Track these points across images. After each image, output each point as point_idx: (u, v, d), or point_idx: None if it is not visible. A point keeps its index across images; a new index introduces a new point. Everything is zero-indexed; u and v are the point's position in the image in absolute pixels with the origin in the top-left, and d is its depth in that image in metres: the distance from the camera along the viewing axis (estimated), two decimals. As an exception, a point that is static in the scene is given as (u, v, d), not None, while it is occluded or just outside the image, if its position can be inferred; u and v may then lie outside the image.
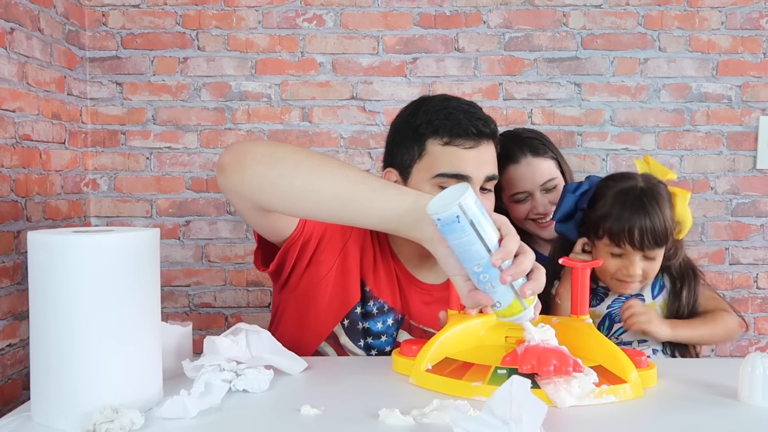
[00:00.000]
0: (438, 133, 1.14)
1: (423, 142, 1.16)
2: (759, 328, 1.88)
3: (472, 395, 0.89)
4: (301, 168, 0.91)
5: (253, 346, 1.01)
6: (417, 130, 1.16)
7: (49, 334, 0.80)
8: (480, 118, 1.15)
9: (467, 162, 1.13)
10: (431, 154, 1.15)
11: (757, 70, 1.84)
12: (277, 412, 0.86)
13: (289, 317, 1.25)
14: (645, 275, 1.24)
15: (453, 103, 1.19)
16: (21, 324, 1.47)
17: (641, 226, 1.19)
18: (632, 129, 1.85)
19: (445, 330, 1.03)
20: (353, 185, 0.89)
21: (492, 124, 1.17)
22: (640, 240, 1.20)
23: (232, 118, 1.84)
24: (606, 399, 0.89)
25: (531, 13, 1.83)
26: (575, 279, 1.02)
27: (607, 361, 0.96)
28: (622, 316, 1.24)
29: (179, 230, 1.85)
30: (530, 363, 0.88)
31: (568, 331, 0.98)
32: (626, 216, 1.21)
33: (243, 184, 0.95)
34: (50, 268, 0.79)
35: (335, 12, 1.82)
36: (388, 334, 1.23)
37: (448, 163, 1.14)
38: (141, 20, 1.82)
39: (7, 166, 1.43)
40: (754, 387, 0.89)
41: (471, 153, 1.14)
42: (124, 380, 0.82)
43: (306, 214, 0.99)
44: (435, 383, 0.93)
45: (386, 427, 0.81)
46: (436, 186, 1.15)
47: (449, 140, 1.13)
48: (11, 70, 1.44)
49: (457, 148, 1.13)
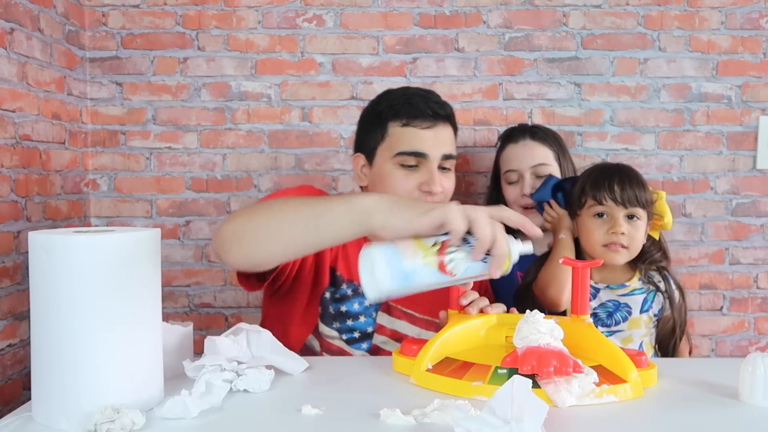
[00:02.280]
0: (398, 116, 1.26)
1: (385, 125, 1.27)
2: (759, 328, 1.88)
3: (472, 395, 0.89)
4: (264, 231, 0.97)
5: (254, 346, 1.01)
6: (380, 115, 1.29)
7: (49, 334, 0.80)
8: (436, 102, 1.27)
9: (424, 140, 1.25)
10: (392, 135, 1.27)
11: (757, 70, 1.84)
12: (278, 412, 0.86)
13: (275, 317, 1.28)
14: (630, 242, 1.27)
15: (412, 91, 1.32)
16: (21, 324, 1.47)
17: (621, 180, 1.29)
18: (632, 129, 1.86)
19: (446, 330, 1.04)
20: (309, 216, 0.94)
21: (448, 108, 1.29)
22: (620, 191, 1.28)
23: (232, 119, 1.84)
24: (606, 399, 0.89)
25: (531, 13, 1.83)
26: (576, 279, 1.03)
27: (608, 361, 0.96)
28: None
29: (179, 230, 1.85)
30: (530, 364, 0.88)
31: (568, 330, 0.98)
32: (607, 175, 1.32)
33: (234, 264, 1.04)
34: (51, 268, 0.79)
35: (335, 12, 1.82)
36: (366, 314, 1.26)
37: (407, 142, 1.25)
38: (141, 20, 1.82)
39: (7, 166, 1.43)
40: (755, 387, 0.89)
41: (428, 133, 1.25)
42: (124, 380, 0.82)
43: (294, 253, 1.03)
44: (435, 383, 0.93)
45: (387, 427, 0.81)
46: (397, 164, 1.26)
47: (408, 121, 1.25)
48: (11, 70, 1.44)
49: (415, 129, 1.25)
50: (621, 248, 1.28)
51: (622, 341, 1.30)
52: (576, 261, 1.06)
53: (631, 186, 1.29)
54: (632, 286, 1.33)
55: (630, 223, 1.29)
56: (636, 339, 1.31)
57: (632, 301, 1.31)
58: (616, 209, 1.28)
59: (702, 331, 1.88)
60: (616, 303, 1.31)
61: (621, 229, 1.27)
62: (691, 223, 1.87)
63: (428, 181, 1.25)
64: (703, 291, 1.88)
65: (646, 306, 1.31)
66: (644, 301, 1.31)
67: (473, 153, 1.85)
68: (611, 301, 1.31)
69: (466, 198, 1.86)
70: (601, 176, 1.32)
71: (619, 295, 1.32)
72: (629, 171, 1.33)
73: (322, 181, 1.85)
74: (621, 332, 1.30)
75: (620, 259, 1.30)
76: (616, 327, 1.30)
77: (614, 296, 1.31)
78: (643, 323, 1.30)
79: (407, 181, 1.25)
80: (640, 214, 1.29)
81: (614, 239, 1.28)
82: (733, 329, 1.88)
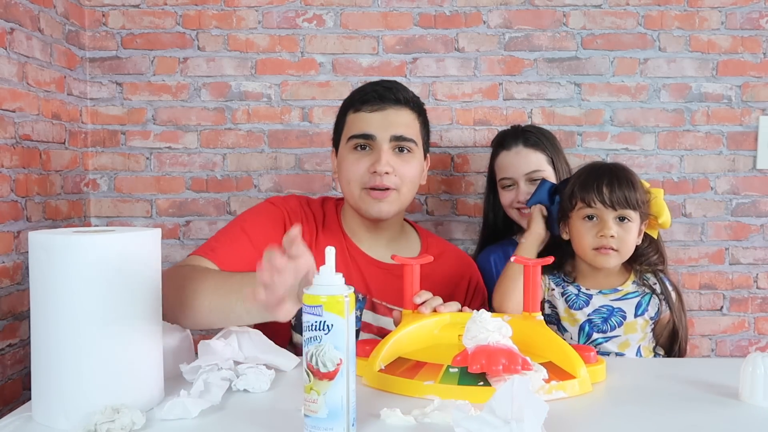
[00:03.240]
0: (352, 104, 1.31)
1: (344, 116, 1.33)
2: (759, 328, 1.88)
3: (423, 394, 0.90)
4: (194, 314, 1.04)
5: (245, 346, 1.02)
6: (342, 109, 1.35)
7: (49, 334, 0.80)
8: (388, 87, 1.30)
9: (371, 123, 1.27)
10: (347, 123, 1.31)
11: (757, 70, 1.84)
12: (278, 411, 0.86)
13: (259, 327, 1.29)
14: (621, 244, 1.25)
15: (372, 82, 1.35)
16: (21, 324, 1.47)
17: (610, 182, 1.26)
18: (632, 129, 1.85)
19: (399, 329, 1.05)
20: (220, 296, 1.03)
21: (402, 93, 1.30)
22: (609, 194, 1.25)
23: (232, 119, 1.84)
24: (555, 395, 0.91)
25: (531, 13, 1.83)
26: (527, 277, 1.05)
27: (557, 358, 0.98)
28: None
29: (179, 230, 1.85)
30: (480, 362, 0.90)
31: (520, 328, 1.01)
32: (595, 176, 1.29)
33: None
34: (51, 268, 0.79)
35: (335, 12, 1.82)
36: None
37: (356, 126, 1.28)
38: (141, 20, 1.82)
39: (7, 166, 1.43)
40: (756, 387, 0.89)
41: (375, 115, 1.27)
42: (124, 380, 0.82)
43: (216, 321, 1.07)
44: (387, 383, 0.94)
45: (387, 426, 0.81)
46: (350, 148, 1.29)
47: (358, 107, 1.29)
48: (11, 70, 1.44)
49: (363, 113, 1.28)
50: (612, 251, 1.25)
51: (619, 347, 1.28)
52: (527, 259, 1.08)
53: (620, 187, 1.25)
54: (625, 290, 1.30)
55: (620, 225, 1.26)
56: (633, 344, 1.28)
57: (626, 305, 1.29)
58: (605, 211, 1.25)
59: (702, 331, 1.88)
60: (609, 308, 1.29)
61: (610, 232, 1.24)
62: (691, 223, 1.87)
63: (374, 162, 1.25)
64: (703, 291, 1.88)
65: (641, 309, 1.29)
66: (638, 305, 1.29)
67: (473, 153, 1.85)
68: (605, 306, 1.29)
69: (466, 198, 1.86)
70: (589, 177, 1.29)
71: (612, 300, 1.29)
72: (619, 171, 1.29)
73: (322, 181, 1.85)
74: (617, 337, 1.28)
75: (611, 262, 1.27)
76: (612, 332, 1.28)
77: (607, 301, 1.29)
78: (639, 327, 1.28)
79: (358, 164, 1.26)
80: (630, 215, 1.26)
81: (603, 242, 1.25)
82: (733, 329, 1.88)
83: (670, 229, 1.85)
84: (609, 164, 1.34)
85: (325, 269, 0.77)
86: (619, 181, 1.26)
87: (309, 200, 1.39)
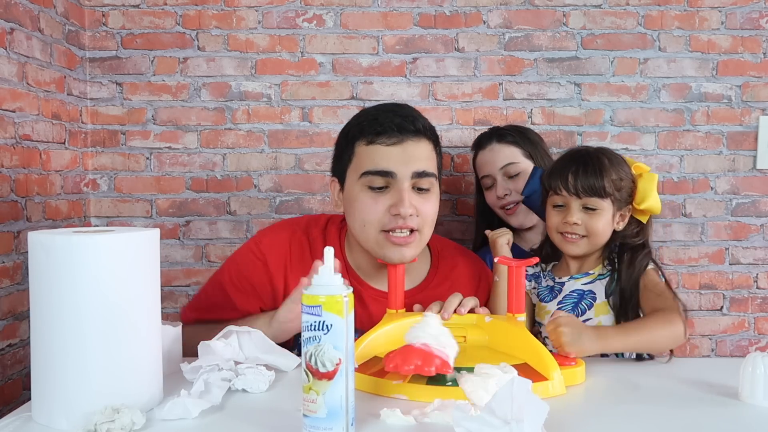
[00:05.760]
0: (363, 134, 1.16)
1: (352, 146, 1.18)
2: (759, 328, 1.88)
3: (391, 394, 0.91)
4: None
5: (246, 346, 1.02)
6: (347, 136, 1.20)
7: (49, 334, 0.80)
8: (405, 116, 1.16)
9: (390, 158, 1.13)
10: (358, 155, 1.17)
11: (757, 70, 1.84)
12: (278, 411, 0.86)
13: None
14: (587, 230, 1.25)
15: (381, 107, 1.22)
16: (21, 324, 1.47)
17: (576, 170, 1.25)
18: (632, 129, 1.85)
19: (376, 329, 1.06)
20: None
21: (420, 122, 1.16)
22: (574, 183, 1.24)
23: (232, 119, 1.84)
24: None
25: (531, 13, 1.83)
26: (510, 278, 1.05)
27: (532, 359, 0.99)
28: (549, 335, 1.08)
29: (179, 230, 1.85)
30: (394, 362, 0.91)
31: (498, 329, 1.02)
32: (564, 164, 1.28)
33: None
34: (50, 268, 0.79)
35: (335, 12, 1.82)
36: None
37: (371, 161, 1.15)
38: (141, 20, 1.82)
39: (7, 166, 1.43)
40: (755, 387, 0.89)
41: (394, 149, 1.14)
42: (124, 380, 0.82)
43: None
44: (359, 382, 0.94)
45: (387, 426, 0.81)
46: (364, 186, 1.16)
47: (372, 139, 1.15)
48: (11, 70, 1.44)
49: (380, 146, 1.14)
50: (579, 238, 1.25)
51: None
52: (511, 260, 1.08)
53: (586, 175, 1.23)
54: (596, 273, 1.29)
55: (586, 213, 1.25)
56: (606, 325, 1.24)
57: (596, 287, 1.27)
58: (570, 199, 1.25)
59: (702, 331, 1.88)
60: (580, 292, 1.28)
61: (573, 219, 1.24)
62: (691, 223, 1.87)
63: (397, 203, 1.13)
64: (703, 291, 1.88)
65: (611, 289, 1.26)
66: (608, 285, 1.27)
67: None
68: (575, 291, 1.28)
69: (467, 198, 1.86)
70: (558, 165, 1.29)
71: (583, 284, 1.28)
72: (590, 158, 1.26)
73: (322, 181, 1.85)
74: (589, 320, 1.25)
75: (577, 250, 1.27)
76: (583, 317, 1.25)
77: (578, 285, 1.28)
78: (610, 308, 1.27)
79: (376, 204, 1.14)
80: (596, 203, 1.24)
81: (567, 229, 1.25)
82: (733, 329, 1.88)
83: (670, 229, 1.86)
84: (585, 151, 1.30)
85: (324, 269, 0.77)
86: (586, 169, 1.24)
87: (307, 226, 1.30)
